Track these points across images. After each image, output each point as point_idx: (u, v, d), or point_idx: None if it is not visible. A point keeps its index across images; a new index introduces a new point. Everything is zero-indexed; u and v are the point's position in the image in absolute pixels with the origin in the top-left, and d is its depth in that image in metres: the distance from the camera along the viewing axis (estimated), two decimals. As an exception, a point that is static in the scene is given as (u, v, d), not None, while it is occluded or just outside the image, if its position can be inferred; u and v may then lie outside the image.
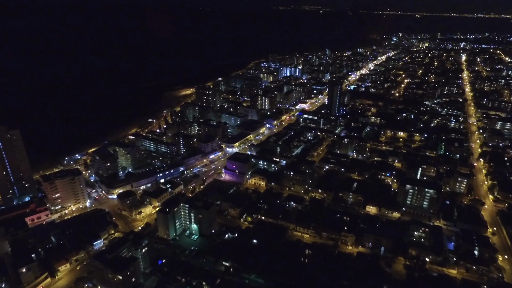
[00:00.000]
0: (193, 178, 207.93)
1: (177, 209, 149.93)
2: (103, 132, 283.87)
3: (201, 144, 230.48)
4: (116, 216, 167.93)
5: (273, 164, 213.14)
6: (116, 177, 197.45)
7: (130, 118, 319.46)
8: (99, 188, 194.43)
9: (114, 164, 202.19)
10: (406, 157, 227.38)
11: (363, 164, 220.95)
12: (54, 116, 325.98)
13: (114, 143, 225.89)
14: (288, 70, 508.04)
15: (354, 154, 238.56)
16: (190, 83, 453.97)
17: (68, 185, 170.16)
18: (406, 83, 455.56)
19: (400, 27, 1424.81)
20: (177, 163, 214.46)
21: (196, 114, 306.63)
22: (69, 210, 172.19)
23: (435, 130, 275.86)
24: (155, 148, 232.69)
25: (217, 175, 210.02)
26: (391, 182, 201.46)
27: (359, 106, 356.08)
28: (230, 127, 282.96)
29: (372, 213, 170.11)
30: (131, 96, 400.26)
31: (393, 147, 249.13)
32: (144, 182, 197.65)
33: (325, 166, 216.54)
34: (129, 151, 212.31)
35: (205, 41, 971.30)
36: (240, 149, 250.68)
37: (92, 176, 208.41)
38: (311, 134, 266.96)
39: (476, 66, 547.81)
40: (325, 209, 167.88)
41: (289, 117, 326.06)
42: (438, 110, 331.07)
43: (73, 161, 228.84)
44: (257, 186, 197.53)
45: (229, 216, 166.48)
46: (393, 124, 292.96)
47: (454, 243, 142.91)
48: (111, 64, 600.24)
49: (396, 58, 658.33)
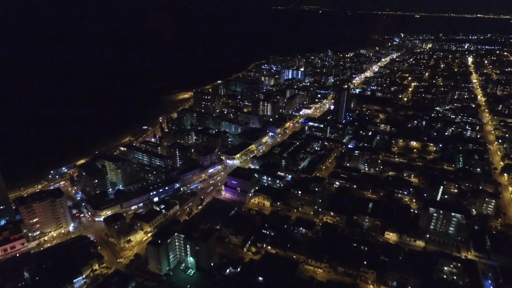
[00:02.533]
0: (190, 196, 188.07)
1: (170, 240, 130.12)
2: (94, 141, 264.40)
3: (199, 157, 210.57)
4: (102, 244, 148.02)
5: (278, 180, 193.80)
6: (104, 196, 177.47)
7: (123, 126, 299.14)
8: (85, 208, 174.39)
9: (102, 180, 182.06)
10: (422, 171, 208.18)
11: (377, 179, 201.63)
12: (41, 123, 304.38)
13: (103, 156, 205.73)
14: (290, 73, 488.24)
15: (366, 167, 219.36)
16: (188, 86, 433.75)
17: (48, 209, 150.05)
18: (414, 87, 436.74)
19: (400, 27, 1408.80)
20: (172, 179, 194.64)
21: (194, 121, 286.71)
22: (49, 237, 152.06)
23: (450, 140, 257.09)
24: (149, 161, 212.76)
25: (217, 193, 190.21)
26: (409, 201, 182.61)
27: (367, 112, 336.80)
28: (230, 135, 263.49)
29: (392, 240, 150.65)
30: (125, 101, 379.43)
31: (406, 159, 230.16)
32: (136, 201, 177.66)
33: (335, 182, 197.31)
34: (119, 166, 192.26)
35: (204, 41, 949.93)
36: (242, 161, 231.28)
37: (78, 194, 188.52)
38: (317, 144, 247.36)
39: (484, 69, 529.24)
40: (339, 236, 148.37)
41: (292, 124, 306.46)
42: (451, 116, 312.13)
43: (59, 176, 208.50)
44: (261, 206, 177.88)
45: (230, 245, 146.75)
46: (404, 132, 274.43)
47: (492, 282, 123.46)
48: (105, 65, 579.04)
49: (400, 59, 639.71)
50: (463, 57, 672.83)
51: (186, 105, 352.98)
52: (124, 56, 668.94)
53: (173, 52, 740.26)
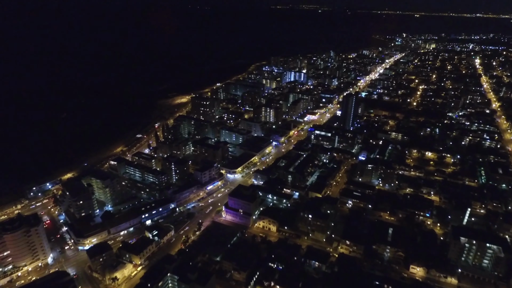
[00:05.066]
0: (186, 217, 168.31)
1: (162, 283, 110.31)
2: (83, 151, 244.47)
3: (196, 173, 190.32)
4: (85, 281, 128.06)
5: (285, 199, 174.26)
6: (89, 220, 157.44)
7: (115, 133, 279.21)
8: (68, 234, 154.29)
9: (88, 202, 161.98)
10: (443, 188, 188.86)
11: (393, 198, 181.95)
12: (24, 131, 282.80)
13: (90, 172, 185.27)
14: (292, 75, 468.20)
15: (380, 183, 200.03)
16: (185, 89, 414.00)
17: (21, 240, 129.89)
18: (422, 90, 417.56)
19: (401, 27, 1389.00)
20: (167, 198, 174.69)
21: (192, 129, 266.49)
22: (24, 272, 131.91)
23: (468, 151, 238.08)
24: (141, 177, 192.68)
25: (216, 215, 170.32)
26: (431, 224, 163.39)
27: (375, 118, 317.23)
28: (231, 145, 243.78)
29: (418, 276, 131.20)
30: (118, 105, 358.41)
31: (423, 173, 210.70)
32: (125, 226, 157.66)
33: (348, 201, 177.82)
34: (107, 184, 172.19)
35: (203, 42, 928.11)
36: (244, 175, 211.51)
37: (61, 215, 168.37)
38: (325, 156, 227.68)
39: (494, 71, 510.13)
40: (358, 272, 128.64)
41: (297, 132, 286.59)
42: (465, 123, 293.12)
43: (42, 193, 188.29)
44: (266, 231, 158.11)
45: (232, 281, 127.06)
46: (417, 141, 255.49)
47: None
48: (97, 69, 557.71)
49: (405, 60, 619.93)
50: (470, 58, 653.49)
51: (184, 110, 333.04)
52: (119, 58, 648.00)
53: (171, 52, 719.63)
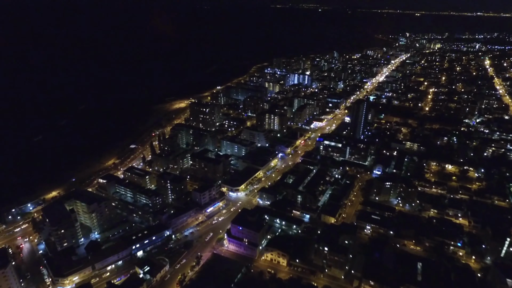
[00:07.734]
0: (183, 247, 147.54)
1: None
2: (72, 164, 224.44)
3: (195, 193, 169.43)
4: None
5: (295, 224, 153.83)
6: (72, 253, 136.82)
7: (108, 143, 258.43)
8: (46, 270, 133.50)
9: (70, 230, 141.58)
10: (471, 209, 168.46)
11: (417, 221, 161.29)
12: (9, 142, 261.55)
13: (75, 194, 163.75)
14: (295, 77, 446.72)
15: (400, 202, 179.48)
16: (184, 93, 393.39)
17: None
18: (432, 93, 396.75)
19: (403, 26, 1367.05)
20: (161, 224, 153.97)
21: (190, 140, 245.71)
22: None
23: (492, 163, 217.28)
24: (133, 198, 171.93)
25: (217, 244, 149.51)
26: (464, 256, 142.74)
27: (386, 125, 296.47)
28: (233, 157, 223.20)
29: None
30: (113, 112, 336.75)
31: (446, 190, 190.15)
32: (113, 259, 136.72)
33: (366, 226, 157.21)
34: (94, 209, 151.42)
35: (202, 42, 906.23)
36: (247, 192, 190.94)
37: (41, 244, 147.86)
38: (337, 171, 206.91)
39: (506, 73, 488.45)
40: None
41: (304, 141, 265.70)
42: (484, 131, 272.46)
43: (22, 216, 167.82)
44: (275, 264, 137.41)
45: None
46: (435, 152, 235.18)
47: None
48: (93, 72, 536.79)
49: (411, 61, 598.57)
50: (479, 58, 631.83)
51: (182, 117, 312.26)
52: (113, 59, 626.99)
53: (169, 53, 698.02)
